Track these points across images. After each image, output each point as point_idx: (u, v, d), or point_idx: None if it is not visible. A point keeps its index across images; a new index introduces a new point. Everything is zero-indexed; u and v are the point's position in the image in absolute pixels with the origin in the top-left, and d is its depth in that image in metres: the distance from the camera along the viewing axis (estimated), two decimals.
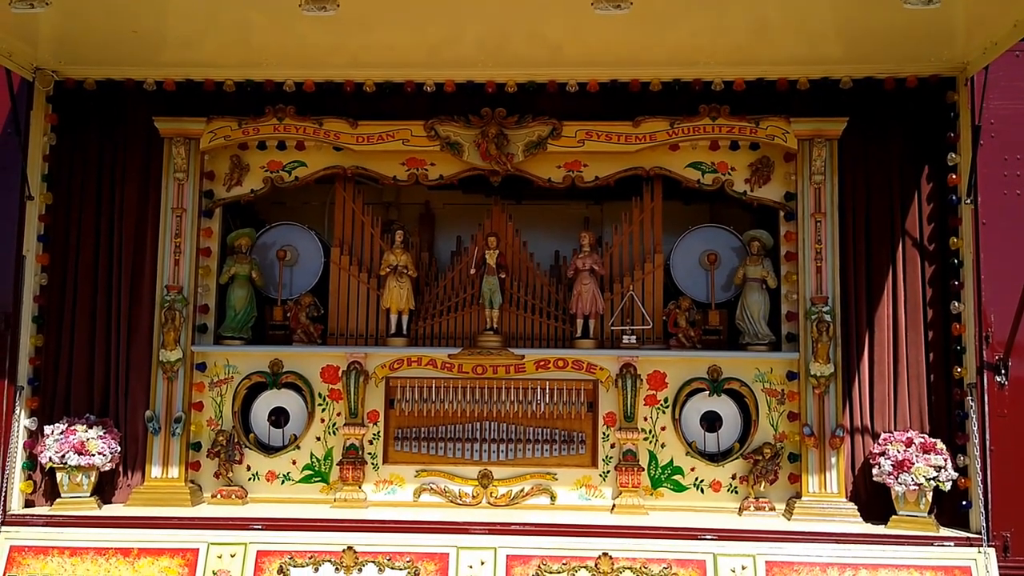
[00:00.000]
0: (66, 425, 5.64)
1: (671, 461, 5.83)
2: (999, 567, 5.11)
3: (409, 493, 5.87)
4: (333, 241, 6.18)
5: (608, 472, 5.83)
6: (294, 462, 5.93)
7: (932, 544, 5.18)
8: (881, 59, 5.60)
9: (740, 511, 5.68)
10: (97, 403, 5.88)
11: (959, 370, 5.52)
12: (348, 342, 6.02)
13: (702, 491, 5.81)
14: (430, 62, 5.74)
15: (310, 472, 5.92)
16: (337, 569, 5.20)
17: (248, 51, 5.63)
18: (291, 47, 5.54)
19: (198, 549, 5.27)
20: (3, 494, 5.55)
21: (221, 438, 5.83)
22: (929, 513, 5.37)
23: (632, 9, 4.46)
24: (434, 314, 6.08)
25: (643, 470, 5.78)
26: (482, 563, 5.19)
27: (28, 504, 5.76)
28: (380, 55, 5.64)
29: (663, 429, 5.84)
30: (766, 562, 5.14)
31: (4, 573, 5.23)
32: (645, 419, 5.83)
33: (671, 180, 5.98)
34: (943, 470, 5.30)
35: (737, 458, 5.79)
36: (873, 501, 5.57)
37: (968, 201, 5.44)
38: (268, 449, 5.98)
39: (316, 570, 5.21)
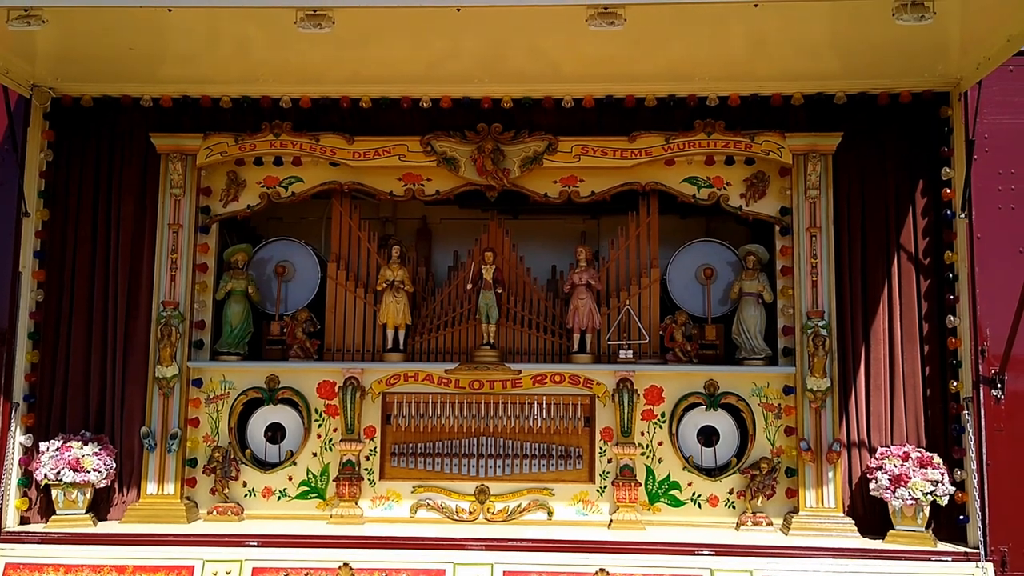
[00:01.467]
0: (61, 442, 5.63)
1: (668, 476, 5.83)
2: None
3: (406, 509, 5.85)
4: (330, 256, 6.18)
5: (605, 487, 5.82)
6: (290, 478, 5.92)
7: (930, 559, 5.17)
8: (875, 74, 5.62)
9: (737, 526, 5.67)
10: (93, 419, 5.87)
11: (955, 384, 5.52)
12: (345, 357, 6.01)
13: (699, 506, 5.80)
14: (426, 78, 5.75)
15: (306, 488, 5.91)
16: None
17: (245, 67, 5.65)
18: (287, 63, 5.56)
19: (194, 566, 5.25)
20: None
21: (217, 454, 5.82)
22: (927, 528, 5.36)
23: (627, 25, 4.46)
24: (431, 329, 6.08)
25: (640, 485, 5.77)
26: None
27: (23, 521, 5.74)
28: (376, 71, 5.66)
29: (660, 444, 5.84)
30: None
31: None
32: (642, 434, 5.83)
33: (667, 195, 6.00)
34: (940, 484, 5.29)
35: (734, 473, 5.78)
36: (870, 516, 5.56)
37: (963, 215, 5.45)
38: (264, 465, 5.96)
39: None
